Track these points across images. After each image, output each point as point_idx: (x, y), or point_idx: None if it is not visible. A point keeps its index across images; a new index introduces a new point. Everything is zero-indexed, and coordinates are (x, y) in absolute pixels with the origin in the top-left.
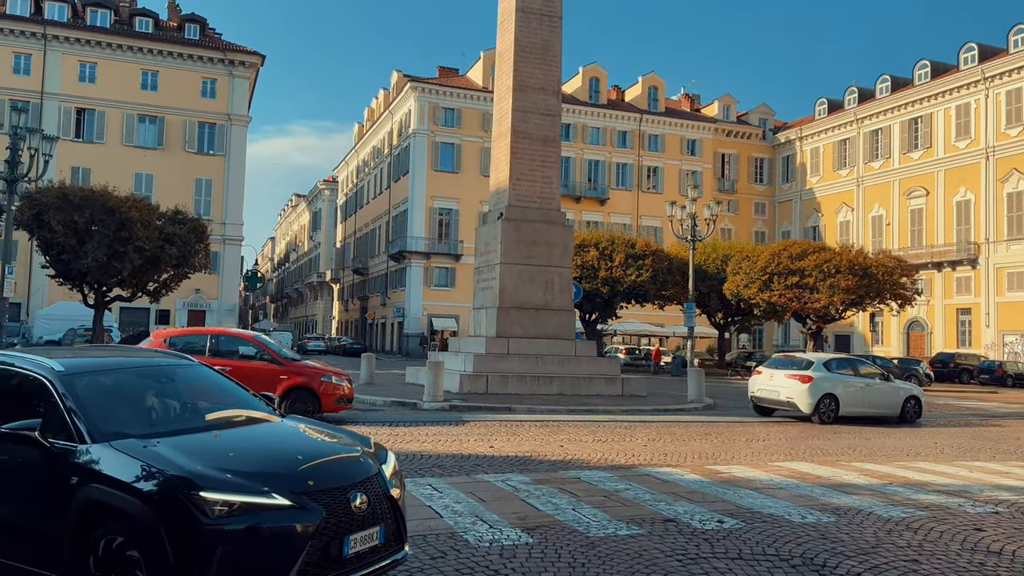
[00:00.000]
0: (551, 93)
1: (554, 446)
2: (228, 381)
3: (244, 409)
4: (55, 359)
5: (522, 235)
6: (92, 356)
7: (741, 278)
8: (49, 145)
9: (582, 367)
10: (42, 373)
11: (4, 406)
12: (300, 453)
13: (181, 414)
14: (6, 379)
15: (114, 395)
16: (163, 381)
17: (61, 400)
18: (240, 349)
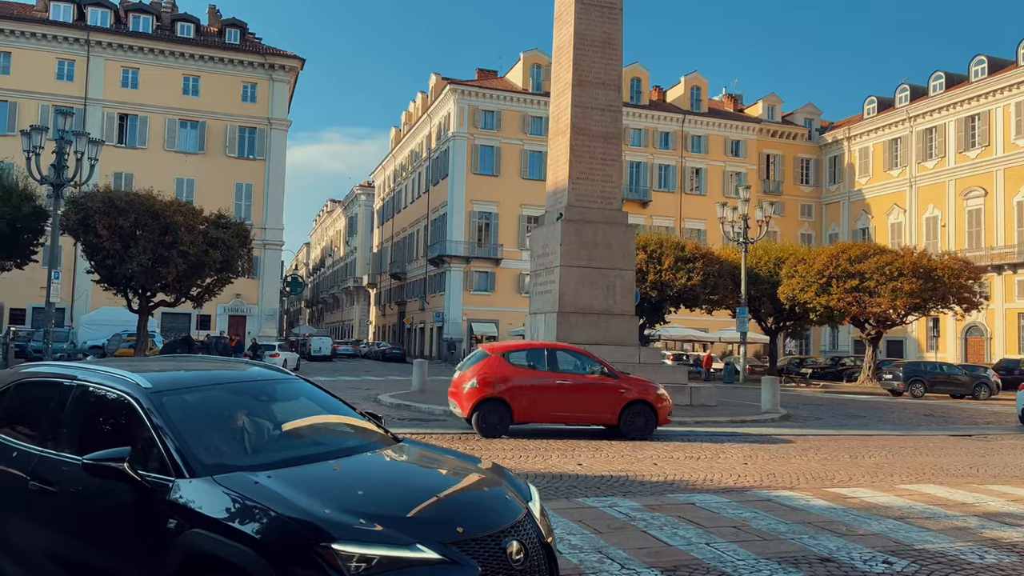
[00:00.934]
0: (612, 88)
1: (645, 463)
2: (329, 397)
3: (355, 431)
4: (139, 373)
5: (582, 237)
6: (179, 370)
7: (797, 281)
8: (95, 149)
9: (648, 375)
10: (126, 391)
11: (84, 431)
12: (439, 489)
13: (288, 439)
14: (84, 398)
15: (211, 417)
16: (262, 399)
17: (151, 424)
18: (576, 363)
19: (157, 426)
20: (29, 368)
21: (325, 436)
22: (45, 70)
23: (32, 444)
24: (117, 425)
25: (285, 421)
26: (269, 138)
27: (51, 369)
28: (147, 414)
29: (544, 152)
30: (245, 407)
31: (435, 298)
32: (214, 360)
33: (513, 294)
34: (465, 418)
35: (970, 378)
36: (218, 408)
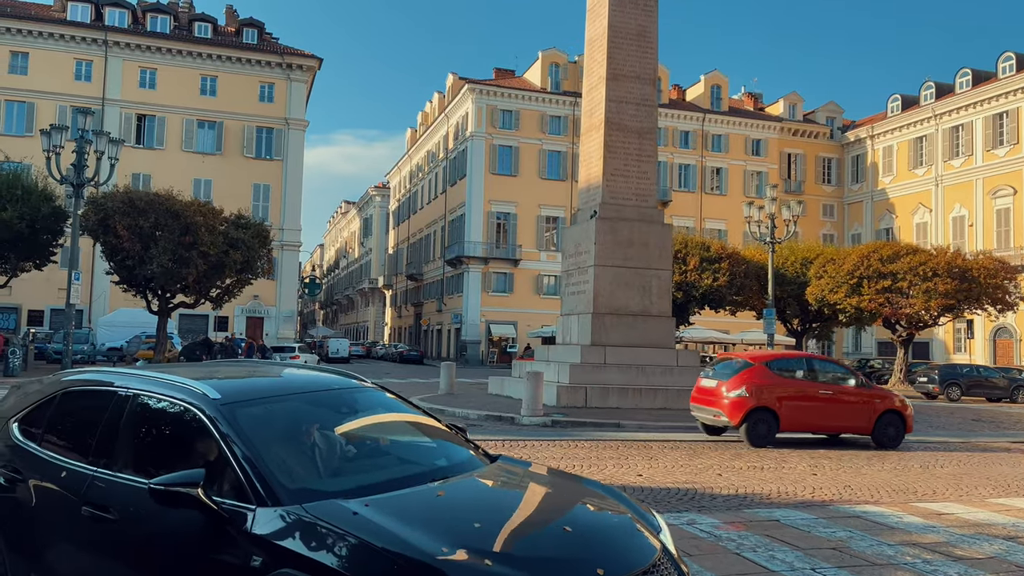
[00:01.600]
0: (647, 82)
1: (708, 474)
2: (409, 406)
3: (444, 446)
4: (203, 381)
5: (618, 235)
6: (244, 377)
7: (826, 282)
8: (115, 148)
9: (687, 378)
10: (192, 402)
11: (143, 449)
12: (564, 520)
13: (375, 458)
14: (142, 410)
15: (291, 433)
16: (343, 411)
17: (224, 441)
18: (834, 373)
19: (231, 444)
20: (75, 375)
21: (415, 453)
22: (63, 71)
23: (83, 463)
24: (182, 442)
25: (369, 435)
26: (286, 138)
27: (102, 376)
28: (218, 430)
29: (563, 152)
30: (326, 421)
31: (452, 299)
32: (271, 365)
33: (531, 295)
34: (734, 426)
35: (1007, 381)
36: (297, 422)
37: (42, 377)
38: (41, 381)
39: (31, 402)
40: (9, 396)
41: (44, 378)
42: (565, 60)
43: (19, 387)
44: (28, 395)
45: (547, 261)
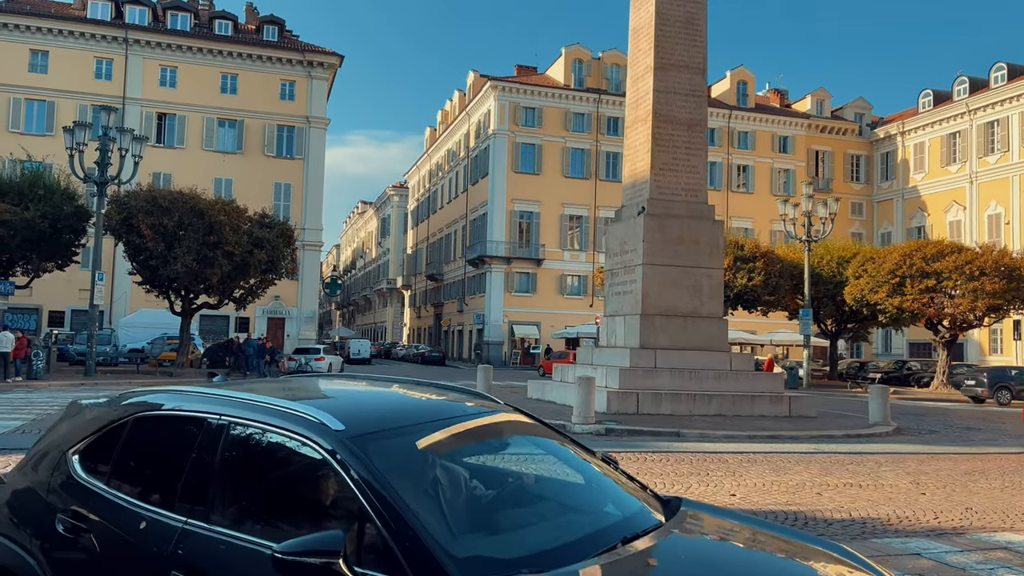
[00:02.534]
0: (696, 72)
1: (807, 493)
2: (553, 432)
3: (608, 488)
4: (311, 404)
5: (666, 232)
6: (361, 399)
7: (866, 281)
8: (138, 146)
9: (741, 383)
10: (308, 435)
11: (248, 496)
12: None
13: (537, 505)
14: (242, 445)
15: (439, 475)
16: (494, 447)
17: (361, 489)
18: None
19: (370, 493)
20: (147, 396)
21: (577, 497)
22: (83, 69)
23: (168, 511)
24: (298, 489)
25: (521, 474)
26: (308, 137)
27: (182, 399)
28: (350, 473)
29: (587, 150)
30: (472, 456)
31: (474, 299)
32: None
33: (555, 295)
34: None
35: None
36: (447, 462)
37: (107, 397)
38: (107, 403)
39: (94, 429)
40: (63, 421)
41: (109, 398)
42: (589, 56)
43: (77, 409)
44: (89, 420)
45: (570, 261)
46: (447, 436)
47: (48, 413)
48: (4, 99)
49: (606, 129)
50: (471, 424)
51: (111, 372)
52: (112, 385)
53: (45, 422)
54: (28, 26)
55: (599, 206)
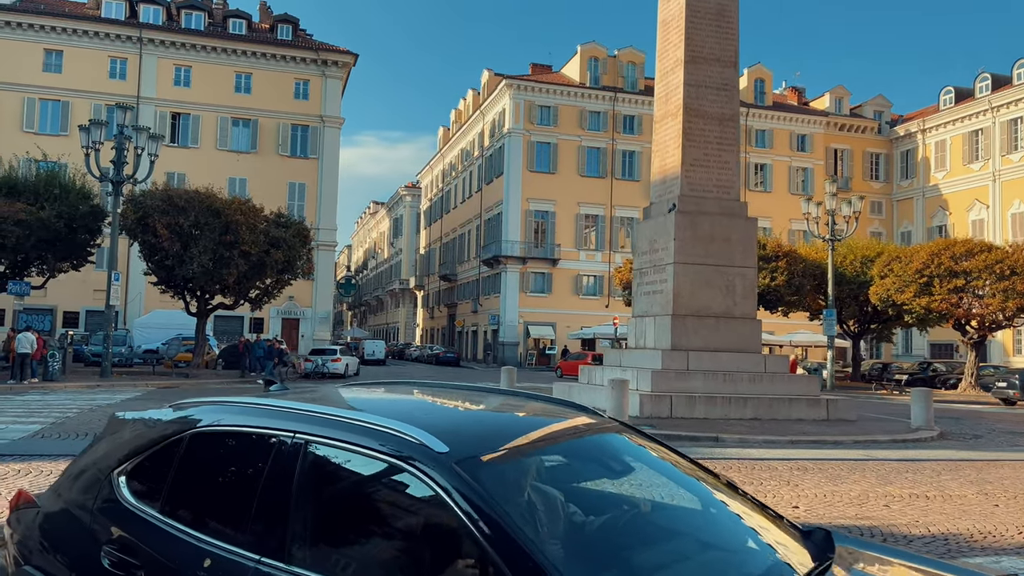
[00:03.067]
0: (727, 64)
1: (873, 505)
2: (669, 451)
3: (739, 522)
4: (400, 420)
5: (698, 230)
6: (454, 415)
7: (892, 281)
8: (154, 144)
9: (776, 386)
10: (407, 456)
11: (339, 531)
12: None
13: (673, 542)
14: (324, 468)
15: (567, 508)
16: (613, 468)
17: (477, 525)
18: None
19: (489, 529)
20: (201, 409)
21: (726, 536)
22: (97, 69)
23: (236, 546)
24: (396, 523)
25: (652, 504)
26: (322, 136)
27: (246, 414)
28: (460, 506)
29: (603, 148)
30: (590, 481)
31: (488, 300)
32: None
33: (570, 295)
34: None
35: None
36: (566, 489)
37: (155, 412)
38: (156, 417)
39: (143, 447)
40: (106, 437)
41: (158, 412)
42: (604, 54)
43: (121, 424)
44: (136, 436)
45: (586, 261)
46: (562, 458)
47: (67, 416)
48: (18, 99)
49: (622, 127)
50: (584, 442)
51: (126, 373)
52: (128, 387)
53: (64, 426)
54: (42, 25)
55: (615, 205)
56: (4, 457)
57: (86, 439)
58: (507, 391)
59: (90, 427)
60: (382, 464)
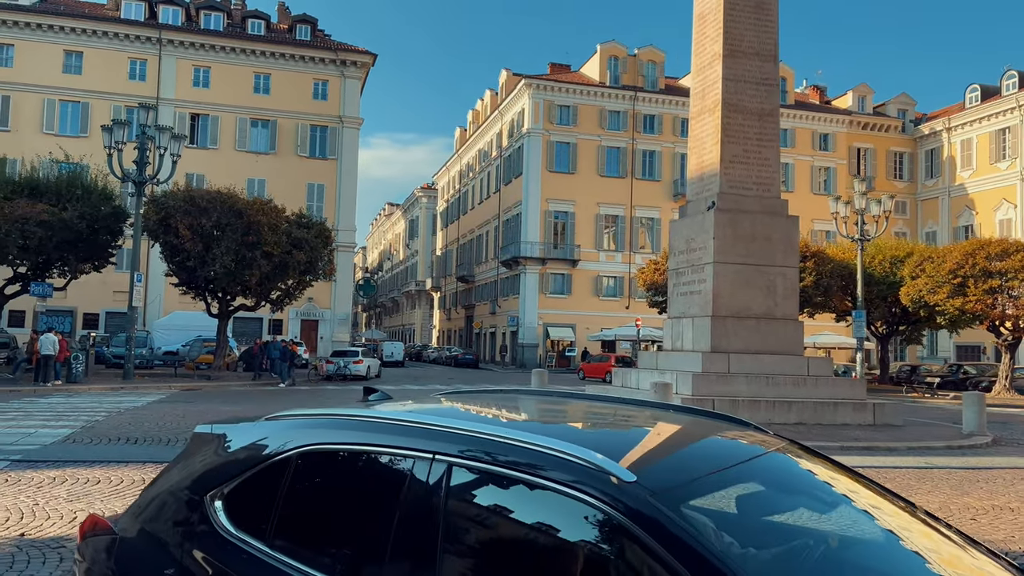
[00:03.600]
0: (767, 58)
1: (959, 518)
2: (865, 482)
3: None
4: (565, 440)
5: (738, 228)
6: (619, 435)
7: (924, 281)
8: (177, 145)
9: (821, 389)
10: (590, 489)
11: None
12: None
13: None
14: (481, 499)
15: (777, 552)
16: (808, 493)
17: (677, 568)
18: None
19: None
20: (306, 423)
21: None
22: (117, 70)
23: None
24: (573, 563)
25: (864, 543)
26: (341, 137)
27: (366, 430)
28: (658, 546)
29: (622, 148)
30: (797, 517)
31: (507, 301)
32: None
33: (590, 297)
34: None
35: None
36: (771, 525)
37: (248, 427)
38: (250, 433)
39: (240, 467)
40: (191, 454)
41: (252, 428)
42: (624, 53)
43: (207, 439)
44: (231, 455)
45: (606, 262)
46: (754, 485)
47: (96, 420)
48: (39, 100)
49: (642, 127)
50: (767, 463)
51: (148, 375)
52: (152, 389)
53: (94, 430)
54: (62, 27)
55: (635, 205)
56: (37, 464)
57: (118, 444)
58: (643, 402)
59: (120, 431)
60: (550, 492)
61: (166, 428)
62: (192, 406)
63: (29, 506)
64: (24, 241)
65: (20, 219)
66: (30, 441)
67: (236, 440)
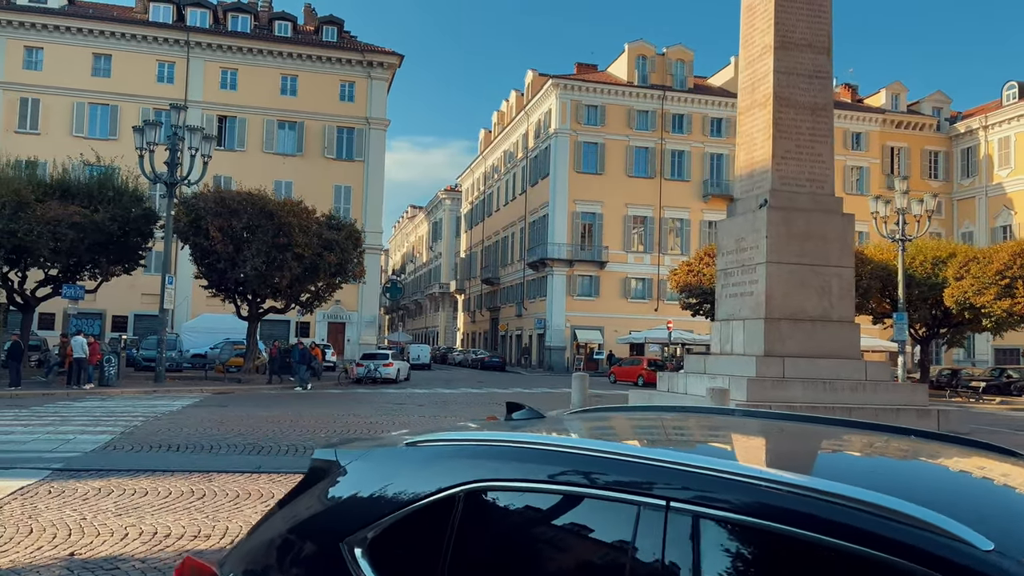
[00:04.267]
0: (820, 50)
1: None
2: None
3: None
4: (843, 481)
5: (791, 227)
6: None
7: (969, 282)
8: (208, 146)
9: (880, 395)
10: (927, 554)
11: None
12: None
13: None
14: (752, 563)
15: None
16: None
17: None
18: None
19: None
20: (470, 450)
21: None
22: (145, 72)
23: None
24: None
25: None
26: (367, 138)
27: (556, 465)
28: None
29: (651, 148)
30: None
31: (533, 304)
32: (763, 417)
33: (618, 299)
34: None
35: None
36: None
37: (386, 453)
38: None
39: (385, 506)
40: (314, 485)
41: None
42: (653, 52)
43: (333, 468)
44: (371, 489)
45: (634, 263)
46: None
47: (134, 425)
48: (68, 103)
49: (671, 126)
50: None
51: (178, 378)
52: (184, 392)
53: (134, 436)
54: (91, 30)
55: (664, 206)
56: (80, 473)
57: (160, 451)
58: (851, 423)
59: (160, 437)
60: (870, 562)
61: (206, 434)
62: (228, 411)
63: (76, 520)
64: (56, 243)
65: (52, 221)
66: (70, 448)
67: (375, 471)
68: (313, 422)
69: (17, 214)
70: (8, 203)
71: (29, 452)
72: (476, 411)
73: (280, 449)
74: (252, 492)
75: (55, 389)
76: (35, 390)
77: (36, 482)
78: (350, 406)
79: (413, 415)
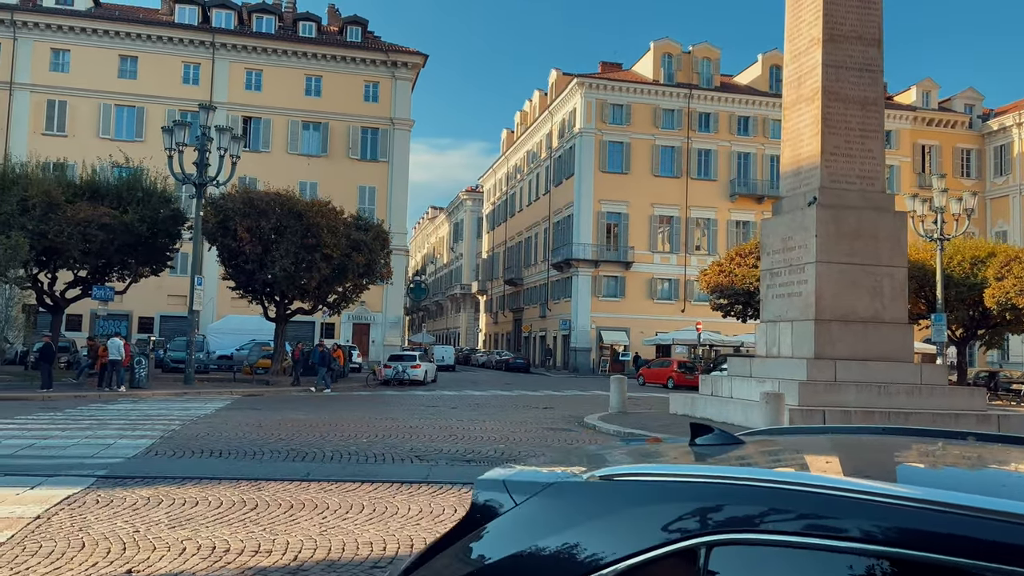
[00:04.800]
0: (871, 42)
1: None
2: None
3: None
4: None
5: (841, 225)
6: None
7: (1011, 282)
8: (236, 146)
9: (937, 399)
10: None
11: None
12: None
13: None
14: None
15: None
16: None
17: None
18: None
19: None
20: (703, 484)
21: None
22: (171, 74)
23: None
24: None
25: None
26: (392, 139)
27: (836, 515)
28: None
29: (677, 147)
30: None
31: (557, 304)
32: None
33: (644, 300)
34: None
35: None
36: None
37: (572, 481)
38: (596, 496)
39: (587, 558)
40: (482, 523)
41: (593, 486)
42: (679, 50)
43: (512, 503)
44: (571, 535)
45: (660, 264)
46: None
47: (172, 429)
48: (95, 105)
49: (697, 125)
50: None
51: (207, 379)
52: (214, 394)
53: (174, 440)
54: (117, 32)
55: (690, 206)
56: (126, 481)
57: (203, 457)
58: None
59: (201, 443)
60: None
61: (246, 439)
62: (262, 414)
63: (129, 533)
64: (86, 244)
65: (82, 222)
66: (111, 453)
67: (574, 509)
68: (352, 426)
69: (47, 215)
70: (39, 204)
71: (71, 458)
72: (511, 414)
73: (325, 455)
74: (305, 503)
75: (86, 391)
76: (66, 392)
77: (82, 490)
78: (382, 409)
79: (451, 419)
